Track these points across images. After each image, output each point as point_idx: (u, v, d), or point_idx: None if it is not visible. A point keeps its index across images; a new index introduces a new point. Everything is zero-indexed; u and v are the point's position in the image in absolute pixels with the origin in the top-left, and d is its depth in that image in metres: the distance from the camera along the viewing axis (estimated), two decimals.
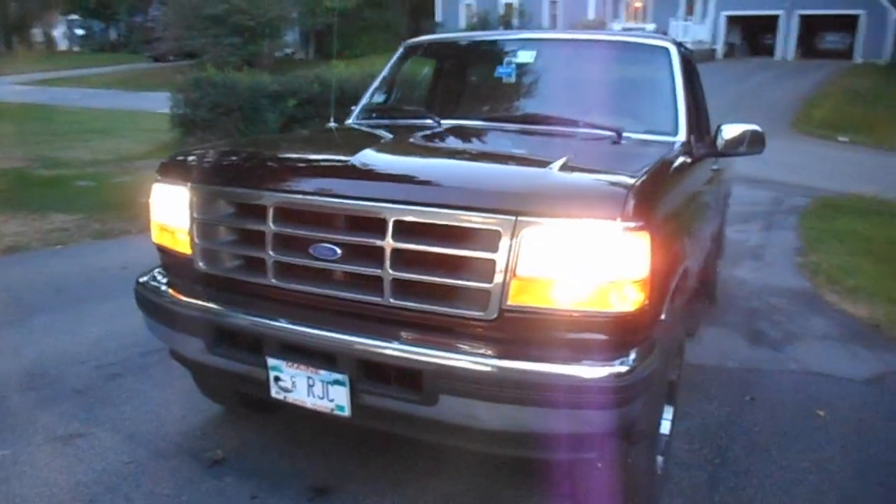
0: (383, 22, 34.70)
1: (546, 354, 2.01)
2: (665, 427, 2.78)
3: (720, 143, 3.34)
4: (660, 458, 2.66)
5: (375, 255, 2.12)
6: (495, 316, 2.02)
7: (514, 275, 1.99)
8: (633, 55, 3.47)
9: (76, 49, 47.79)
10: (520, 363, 1.98)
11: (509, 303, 2.01)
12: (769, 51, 34.58)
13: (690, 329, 3.57)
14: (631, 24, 33.47)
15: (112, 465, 2.81)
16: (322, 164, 2.48)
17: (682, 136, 3.07)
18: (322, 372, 2.16)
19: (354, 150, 2.40)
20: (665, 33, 32.10)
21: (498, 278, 1.99)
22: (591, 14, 31.54)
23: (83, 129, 15.73)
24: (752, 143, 3.34)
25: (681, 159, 2.87)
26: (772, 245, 7.73)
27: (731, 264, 6.64)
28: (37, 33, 50.34)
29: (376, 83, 3.82)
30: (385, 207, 2.10)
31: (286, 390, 2.25)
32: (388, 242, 2.09)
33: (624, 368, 2.00)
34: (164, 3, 31.68)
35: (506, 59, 3.50)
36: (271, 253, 2.27)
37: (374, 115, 3.65)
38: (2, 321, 4.36)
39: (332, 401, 2.18)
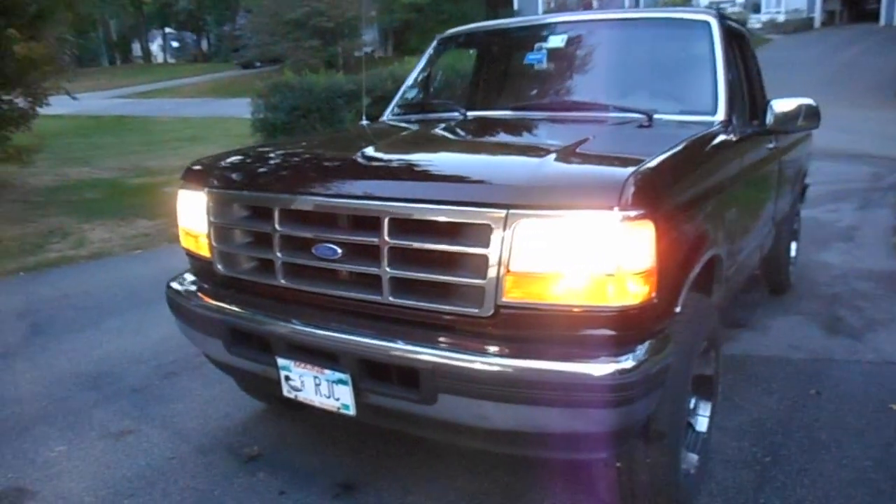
0: (460, 14, 34.65)
1: (545, 351, 1.94)
2: (702, 424, 2.64)
3: (769, 119, 3.15)
4: (693, 457, 2.54)
5: (373, 253, 2.10)
6: (491, 313, 1.97)
7: (508, 270, 1.93)
8: (670, 32, 3.29)
9: (171, 61, 50.22)
10: (517, 361, 1.93)
11: (504, 299, 1.95)
12: (873, 16, 32.35)
13: (743, 319, 3.37)
14: None
15: (156, 460, 2.93)
16: (323, 164, 2.48)
17: (720, 115, 2.90)
18: (327, 371, 2.17)
19: (357, 150, 2.39)
20: (756, 5, 30.65)
21: (491, 274, 1.94)
22: None
23: (174, 137, 16.52)
24: (807, 118, 3.14)
25: (716, 140, 2.72)
26: (866, 225, 7.25)
27: (817, 247, 6.28)
28: (135, 48, 53.25)
29: (410, 78, 3.81)
30: (380, 206, 2.09)
31: (296, 389, 2.27)
32: (385, 240, 2.07)
33: (628, 365, 1.90)
34: (250, 11, 32.83)
35: (536, 45, 3.40)
36: (279, 254, 2.30)
37: (405, 110, 3.63)
38: (78, 325, 4.62)
39: (337, 399, 2.18)
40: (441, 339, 2.03)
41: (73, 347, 4.21)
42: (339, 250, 2.17)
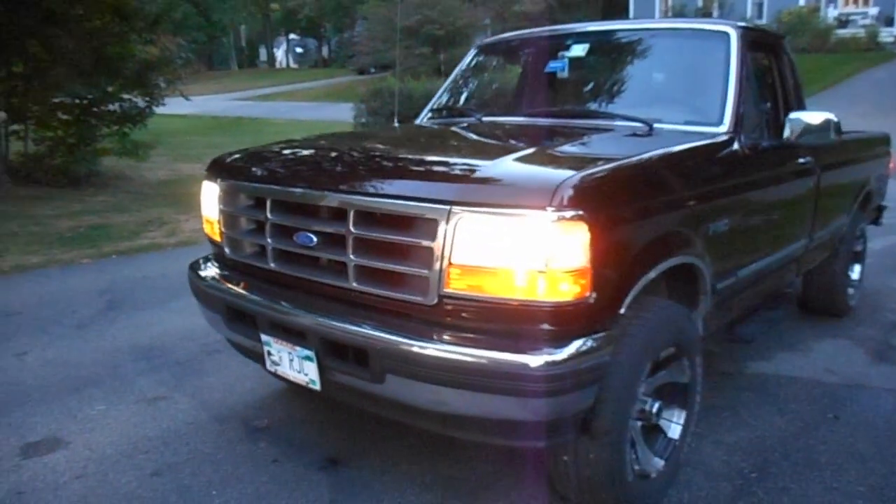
0: (570, 23, 34.40)
1: (482, 340, 2.06)
2: (674, 431, 2.65)
3: (787, 133, 3.11)
4: (658, 461, 2.56)
5: (341, 242, 2.30)
6: (435, 302, 2.11)
7: (451, 262, 2.06)
8: (690, 42, 3.30)
9: (294, 66, 52.67)
10: (453, 347, 2.06)
11: (447, 289, 2.09)
12: None
13: (749, 335, 3.32)
14: (850, 9, 30.26)
15: (177, 424, 3.24)
16: (309, 160, 2.69)
17: (726, 126, 2.90)
18: (298, 348, 2.38)
19: (345, 149, 2.60)
20: (889, 18, 28.58)
21: (436, 265, 2.08)
22: (802, 0, 28.95)
23: (283, 137, 17.41)
24: (825, 131, 3.08)
25: (705, 150, 2.74)
26: None
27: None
28: (262, 53, 56.23)
29: (446, 84, 3.99)
30: (347, 199, 2.28)
31: (276, 364, 2.50)
32: (350, 231, 2.26)
33: (557, 357, 2.00)
34: (366, 18, 34.01)
35: (559, 54, 3.49)
36: (269, 240, 2.54)
37: (434, 115, 3.81)
38: (149, 303, 5.08)
39: (306, 375, 2.39)
40: (392, 323, 2.19)
41: (138, 322, 4.65)
42: (316, 239, 2.37)
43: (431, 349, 2.07)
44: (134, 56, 11.75)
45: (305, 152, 2.75)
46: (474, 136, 3.10)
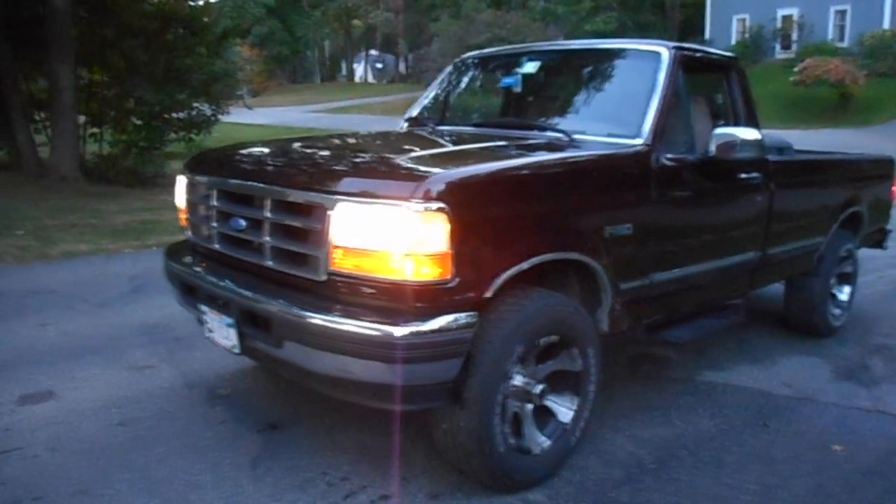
0: None
1: (360, 313, 2.37)
2: (565, 416, 2.88)
3: (711, 148, 3.31)
4: (544, 440, 2.80)
5: (261, 226, 2.66)
6: (325, 278, 2.44)
7: (335, 245, 2.39)
8: (625, 61, 3.53)
9: (372, 80, 54.18)
10: (334, 317, 2.37)
11: (332, 268, 2.42)
12: None
13: (674, 338, 3.48)
14: None
15: (153, 388, 3.67)
16: (248, 158, 3.07)
17: (642, 139, 3.12)
18: (223, 316, 2.75)
19: (280, 149, 2.98)
20: None
21: (324, 247, 2.42)
22: (886, 23, 27.85)
23: None
24: (746, 148, 3.26)
25: (604, 160, 3.00)
26: None
27: None
28: (343, 67, 58.06)
29: (424, 96, 4.33)
30: (264, 188, 2.65)
31: (210, 331, 2.88)
32: (266, 216, 2.62)
33: (417, 329, 2.29)
34: (438, 35, 34.78)
35: (513, 70, 3.79)
36: (214, 224, 2.93)
37: (408, 122, 4.16)
38: (168, 289, 5.59)
39: (229, 340, 2.76)
40: (294, 297, 2.53)
41: (153, 304, 5.14)
42: (244, 223, 2.75)
43: (316, 319, 2.39)
44: (202, 68, 12.59)
45: (249, 151, 3.14)
46: (401, 141, 3.44)
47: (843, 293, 5.12)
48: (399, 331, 2.29)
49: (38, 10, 10.48)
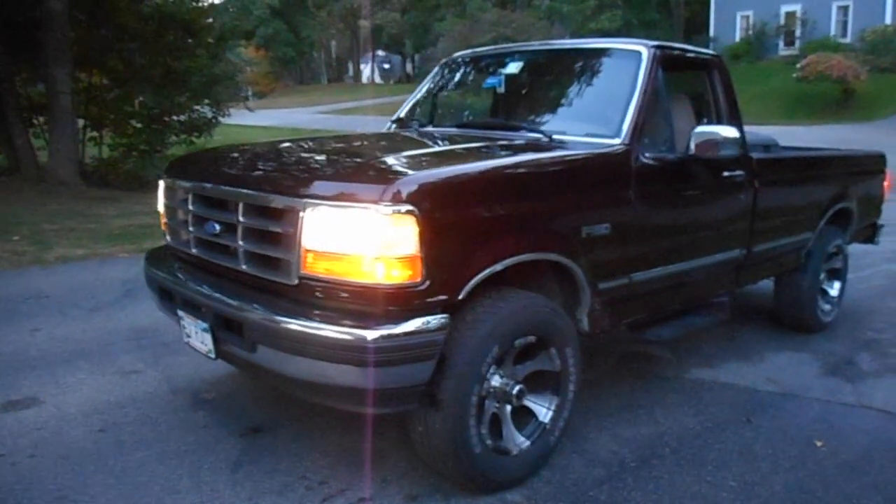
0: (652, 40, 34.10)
1: (332, 317, 2.37)
2: (545, 416, 2.87)
3: (691, 147, 3.29)
4: (523, 440, 2.79)
5: (234, 230, 2.66)
6: (297, 282, 2.44)
7: (306, 248, 2.39)
8: (605, 60, 3.52)
9: (379, 81, 54.21)
10: (305, 321, 2.37)
11: (304, 271, 2.41)
12: None
13: (655, 336, 3.47)
14: None
15: (137, 393, 3.68)
16: (223, 162, 3.07)
17: (621, 139, 3.10)
18: (199, 321, 2.75)
19: (254, 153, 2.98)
20: None
21: (295, 250, 2.41)
22: (888, 18, 27.69)
23: None
24: (726, 147, 3.25)
25: (581, 160, 2.98)
26: None
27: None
28: (350, 68, 58.12)
29: (411, 97, 4.32)
30: (237, 193, 2.64)
31: (188, 336, 2.89)
32: (239, 220, 2.62)
33: (388, 333, 2.29)
34: (443, 35, 34.77)
35: (496, 71, 3.78)
36: (191, 229, 2.94)
37: (394, 124, 4.15)
38: None
39: (205, 345, 2.76)
40: (267, 301, 2.53)
41: (144, 309, 5.12)
42: (218, 227, 2.75)
43: (288, 323, 2.39)
44: (201, 70, 12.61)
45: (225, 155, 3.14)
46: (380, 143, 3.44)
47: (833, 289, 5.09)
48: (370, 334, 2.29)
49: (35, 13, 10.51)
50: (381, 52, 56.67)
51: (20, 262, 6.74)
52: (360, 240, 2.29)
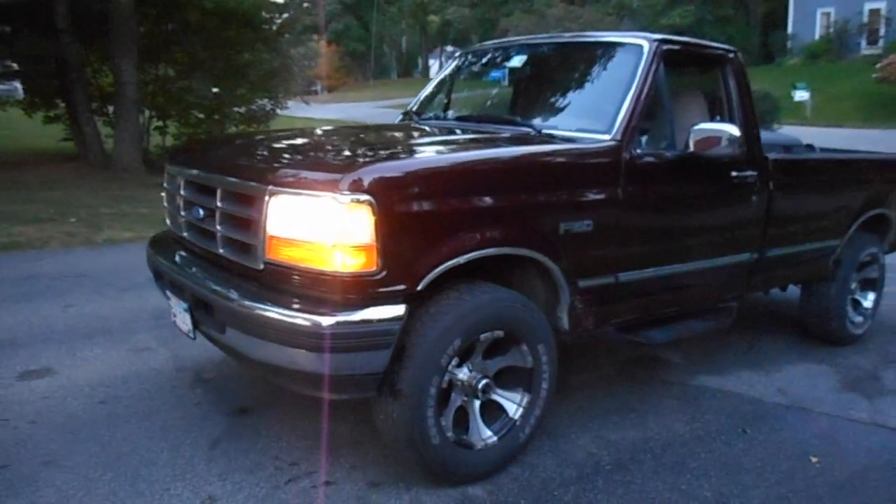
0: (725, 38, 33.10)
1: (293, 302, 2.42)
2: (515, 412, 2.86)
3: (690, 144, 3.21)
4: (489, 434, 2.79)
5: (213, 215, 2.75)
6: (262, 267, 2.51)
7: (269, 234, 2.45)
8: (605, 54, 3.44)
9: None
10: (266, 305, 2.43)
11: (268, 257, 2.47)
12: None
13: (645, 339, 3.37)
14: None
15: (144, 369, 3.84)
16: (211, 150, 3.17)
17: (612, 135, 3.05)
18: (181, 302, 2.86)
19: (240, 143, 3.07)
20: None
21: (260, 236, 2.48)
22: None
23: None
24: (726, 144, 3.16)
25: (564, 155, 2.96)
26: None
27: None
28: (418, 63, 58.49)
29: (424, 89, 4.35)
30: (217, 179, 2.73)
31: (174, 316, 3.00)
32: (217, 205, 2.71)
33: (343, 319, 2.33)
34: (508, 31, 34.56)
35: (501, 64, 3.76)
36: (182, 213, 3.05)
37: (403, 116, 4.19)
38: None
39: (186, 325, 2.86)
40: (235, 284, 2.60)
41: None
42: (202, 212, 2.85)
43: (251, 306, 2.46)
44: (261, 63, 12.96)
45: (218, 143, 3.25)
46: (366, 134, 3.45)
47: (867, 300, 4.85)
48: (326, 320, 2.33)
49: (104, 7, 11.00)
50: (448, 48, 56.78)
51: (71, 242, 7.10)
52: (318, 227, 2.34)
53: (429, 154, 2.69)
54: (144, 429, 3.15)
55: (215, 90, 12.59)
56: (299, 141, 3.26)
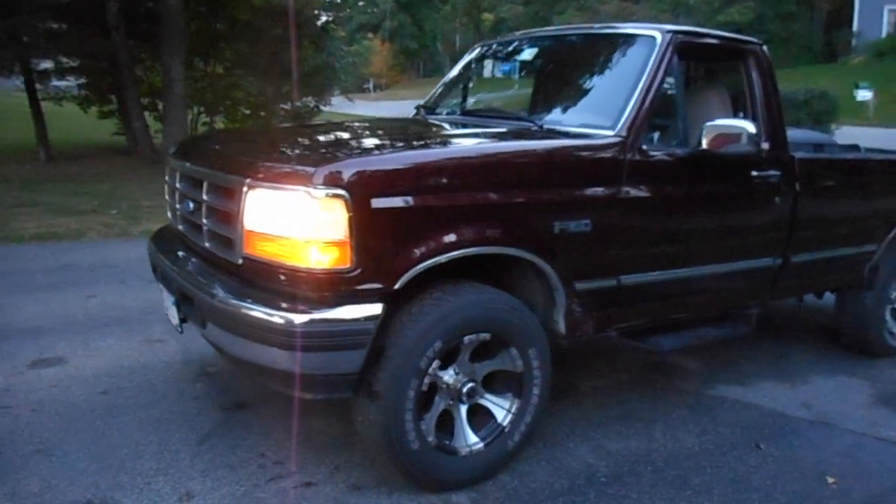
0: (787, 35, 32.06)
1: (268, 298, 2.37)
2: (504, 418, 2.75)
3: (703, 142, 3.05)
4: (475, 440, 2.69)
5: (201, 208, 2.72)
6: (241, 262, 2.46)
7: (246, 229, 2.41)
8: (617, 46, 3.29)
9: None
10: (241, 302, 2.39)
11: (246, 252, 2.43)
12: None
13: (653, 346, 3.22)
14: None
15: (152, 361, 3.87)
16: (203, 144, 3.14)
17: (617, 131, 2.91)
18: (170, 295, 2.85)
19: (231, 137, 3.04)
20: None
21: (239, 230, 2.43)
22: None
23: None
24: (741, 142, 2.99)
25: (557, 150, 2.84)
26: None
27: None
28: None
29: (440, 84, 4.27)
30: (203, 172, 2.71)
31: (166, 308, 2.99)
32: (203, 199, 2.68)
33: (317, 317, 2.27)
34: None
35: (511, 58, 3.65)
36: (177, 206, 3.04)
37: (416, 110, 4.11)
38: None
39: (174, 318, 2.85)
40: (216, 279, 2.57)
41: None
42: (192, 205, 2.83)
43: (226, 302, 2.42)
44: (307, 61, 13.08)
45: (214, 137, 3.23)
46: (358, 129, 3.38)
47: None
48: (298, 318, 2.27)
49: (155, 7, 11.26)
50: None
51: (108, 233, 7.27)
52: (291, 222, 2.28)
53: (409, 149, 2.60)
54: (138, 421, 3.16)
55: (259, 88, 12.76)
56: (290, 136, 3.22)
